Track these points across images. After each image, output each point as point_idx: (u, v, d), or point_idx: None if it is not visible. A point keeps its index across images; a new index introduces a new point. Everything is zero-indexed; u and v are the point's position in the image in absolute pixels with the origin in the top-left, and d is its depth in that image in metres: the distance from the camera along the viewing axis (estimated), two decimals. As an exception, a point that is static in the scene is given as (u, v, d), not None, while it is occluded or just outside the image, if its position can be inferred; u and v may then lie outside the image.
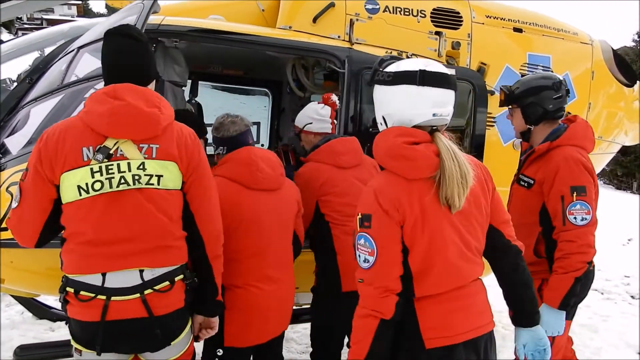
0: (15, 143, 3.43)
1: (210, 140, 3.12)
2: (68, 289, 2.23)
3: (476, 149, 4.17)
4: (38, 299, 5.11)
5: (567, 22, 4.86)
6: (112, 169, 2.20)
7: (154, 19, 3.57)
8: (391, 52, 4.10)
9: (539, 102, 3.01)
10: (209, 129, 6.24)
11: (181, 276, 2.33)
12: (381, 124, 2.18)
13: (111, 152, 2.20)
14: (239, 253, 2.73)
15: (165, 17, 3.69)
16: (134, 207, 2.21)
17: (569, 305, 2.84)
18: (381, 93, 2.14)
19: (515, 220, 3.08)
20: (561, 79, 3.04)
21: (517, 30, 4.52)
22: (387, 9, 4.17)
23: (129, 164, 2.22)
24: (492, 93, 4.32)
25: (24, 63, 3.97)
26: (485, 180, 2.23)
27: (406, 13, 4.22)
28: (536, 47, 4.56)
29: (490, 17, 4.45)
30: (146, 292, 2.21)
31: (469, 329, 2.07)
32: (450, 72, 2.10)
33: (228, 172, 2.79)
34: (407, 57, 3.98)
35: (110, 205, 2.19)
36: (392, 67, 2.12)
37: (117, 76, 2.30)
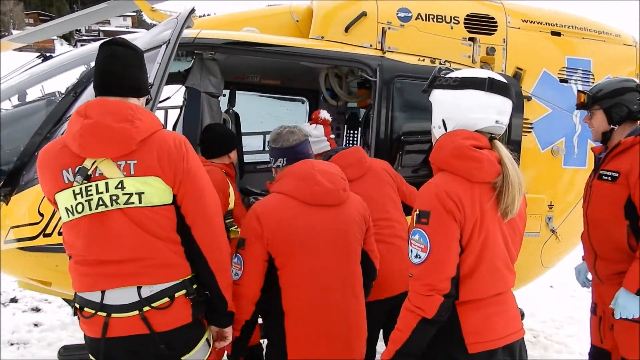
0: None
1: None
2: (76, 304, 2.25)
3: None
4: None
5: (609, 24, 4.70)
6: (90, 190, 2.15)
7: (189, 33, 3.71)
8: (424, 60, 4.09)
9: (625, 103, 3.12)
10: (251, 138, 6.42)
11: (183, 292, 2.23)
12: (439, 127, 2.20)
13: (89, 172, 2.14)
14: (296, 276, 2.52)
15: (201, 30, 3.83)
16: (118, 228, 2.15)
17: None
18: (444, 97, 2.18)
19: (599, 215, 3.16)
20: None
21: (555, 33, 4.42)
22: (419, 17, 4.17)
23: (106, 184, 2.14)
24: (529, 99, 4.25)
25: (71, 77, 4.17)
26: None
27: (439, 20, 4.21)
28: (576, 51, 4.44)
29: (526, 22, 4.37)
30: (145, 309, 2.16)
31: (508, 333, 2.11)
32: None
33: (284, 188, 2.59)
34: (440, 64, 4.00)
35: (95, 227, 2.16)
36: (456, 74, 2.18)
37: (105, 82, 2.23)
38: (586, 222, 3.28)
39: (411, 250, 2.08)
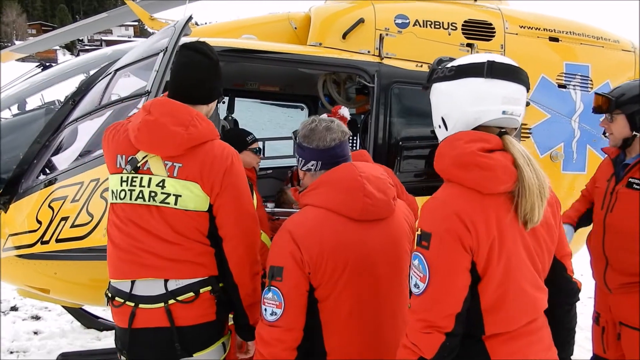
0: (62, 160, 3.66)
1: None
2: (108, 292, 2.36)
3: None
4: (86, 308, 5.36)
5: (608, 30, 4.71)
6: (135, 181, 2.26)
7: (188, 41, 3.72)
8: (422, 66, 4.10)
9: None
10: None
11: (208, 288, 2.29)
12: (439, 127, 1.91)
13: (139, 164, 2.26)
14: (341, 309, 2.06)
15: (200, 38, 3.84)
16: (151, 222, 2.23)
17: None
18: (440, 90, 1.87)
19: (620, 224, 3.00)
20: None
21: (554, 39, 4.43)
22: (417, 23, 4.18)
23: (150, 179, 2.24)
24: (527, 104, 4.23)
25: (71, 85, 4.20)
26: (555, 200, 1.94)
27: (437, 26, 4.22)
28: (574, 56, 4.45)
29: (524, 27, 4.38)
30: (170, 302, 2.23)
31: None
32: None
33: (325, 201, 2.09)
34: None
35: (131, 216, 2.27)
36: (453, 62, 1.88)
37: (176, 87, 2.34)
38: (602, 229, 3.11)
39: (411, 277, 1.77)
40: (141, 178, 2.26)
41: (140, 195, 2.25)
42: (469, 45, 4.22)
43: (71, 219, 3.28)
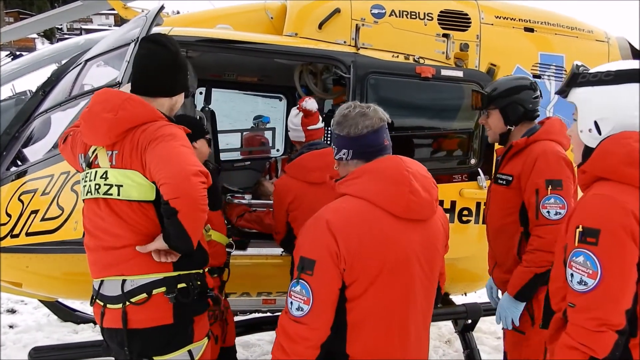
0: (33, 152, 3.60)
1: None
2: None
3: (485, 151, 4.11)
4: (63, 302, 5.31)
5: (581, 20, 4.74)
6: (88, 176, 2.25)
7: (161, 30, 3.66)
8: (398, 56, 4.09)
9: (520, 102, 3.01)
10: (229, 135, 6.38)
11: (162, 289, 2.19)
12: (589, 130, 1.91)
13: (90, 159, 2.24)
14: (371, 311, 1.95)
15: (173, 27, 3.79)
16: (102, 216, 2.20)
17: (525, 297, 2.84)
18: (594, 95, 1.89)
19: (496, 222, 3.07)
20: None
21: (529, 29, 4.44)
22: (393, 13, 4.16)
23: (95, 172, 2.21)
24: None
25: (42, 75, 4.12)
26: None
27: (413, 16, 4.21)
28: (548, 47, 4.47)
29: (499, 18, 4.38)
30: (127, 303, 2.18)
31: None
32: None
33: (367, 192, 1.95)
34: (415, 60, 4.01)
35: (88, 213, 2.26)
36: (606, 67, 1.92)
37: (135, 80, 2.29)
38: (487, 228, 3.21)
39: (572, 275, 1.76)
40: (90, 172, 2.23)
41: (89, 190, 2.22)
42: (444, 35, 4.22)
43: (41, 212, 3.23)
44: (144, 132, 2.14)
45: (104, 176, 2.18)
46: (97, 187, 2.19)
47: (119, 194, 2.15)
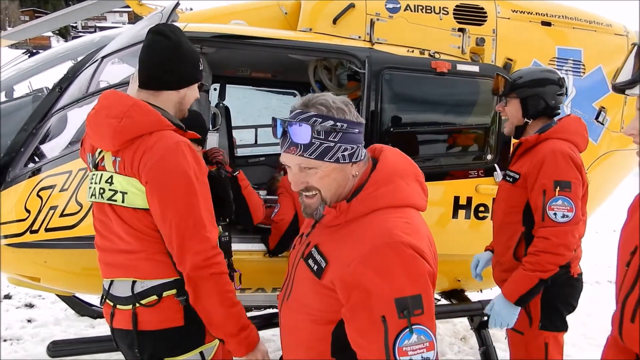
0: (50, 148, 3.63)
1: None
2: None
3: (502, 147, 4.08)
4: (80, 296, 5.37)
5: (600, 14, 4.67)
6: (94, 178, 2.21)
7: (176, 27, 3.68)
8: (413, 51, 4.07)
9: (543, 95, 2.89)
10: (244, 131, 6.37)
11: (172, 291, 2.13)
12: None
13: (97, 160, 2.19)
14: None
15: (188, 24, 3.80)
16: (111, 219, 2.15)
17: (525, 302, 2.74)
18: None
19: (499, 219, 3.03)
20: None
21: (546, 23, 4.38)
22: (408, 8, 4.13)
23: (101, 175, 2.16)
24: None
25: (59, 73, 4.15)
26: None
27: (428, 11, 4.18)
28: (566, 41, 4.41)
29: (516, 12, 4.34)
30: (137, 304, 2.14)
31: None
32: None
33: (409, 198, 1.72)
34: (430, 55, 3.98)
35: (97, 214, 2.23)
36: None
37: (140, 74, 2.19)
38: (493, 224, 3.14)
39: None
40: (96, 175, 2.19)
41: (94, 193, 2.18)
42: (460, 30, 4.18)
43: (60, 208, 3.27)
44: (146, 148, 2.06)
45: (109, 181, 2.12)
46: (101, 191, 2.14)
47: (123, 201, 2.09)
